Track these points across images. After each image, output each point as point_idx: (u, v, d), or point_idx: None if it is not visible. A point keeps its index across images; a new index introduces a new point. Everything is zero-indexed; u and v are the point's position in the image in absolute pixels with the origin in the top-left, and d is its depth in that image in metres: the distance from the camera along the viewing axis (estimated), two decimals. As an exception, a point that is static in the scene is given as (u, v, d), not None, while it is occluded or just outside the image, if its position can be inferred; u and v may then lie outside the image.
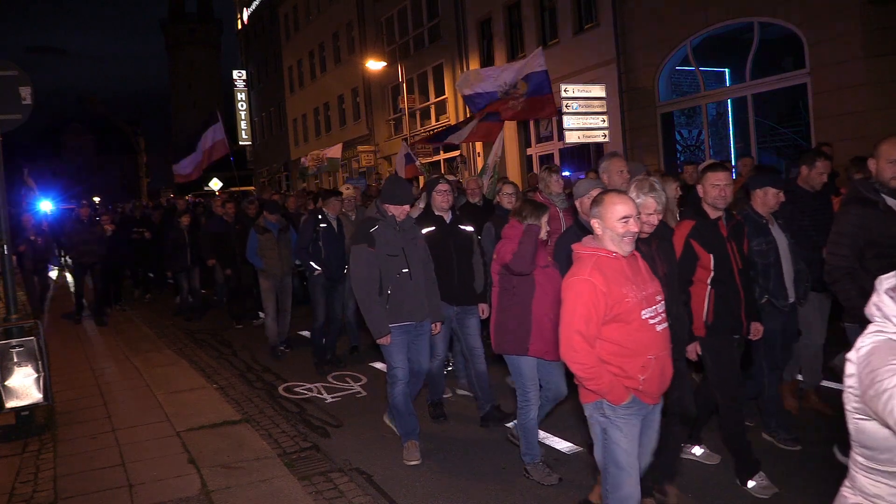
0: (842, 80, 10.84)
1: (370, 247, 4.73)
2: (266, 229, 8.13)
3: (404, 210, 4.86)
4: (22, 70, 6.16)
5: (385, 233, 4.78)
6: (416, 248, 4.92)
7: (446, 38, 22.55)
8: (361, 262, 4.74)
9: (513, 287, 4.28)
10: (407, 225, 4.92)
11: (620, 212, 3.05)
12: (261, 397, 6.56)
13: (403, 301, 4.77)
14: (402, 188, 4.99)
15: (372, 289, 4.71)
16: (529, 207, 4.34)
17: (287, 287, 8.36)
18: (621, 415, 3.08)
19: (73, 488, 4.65)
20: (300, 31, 35.51)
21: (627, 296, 2.99)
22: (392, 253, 4.76)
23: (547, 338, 4.14)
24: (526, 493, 4.23)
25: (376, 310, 4.70)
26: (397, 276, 4.76)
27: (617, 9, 15.35)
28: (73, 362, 8.41)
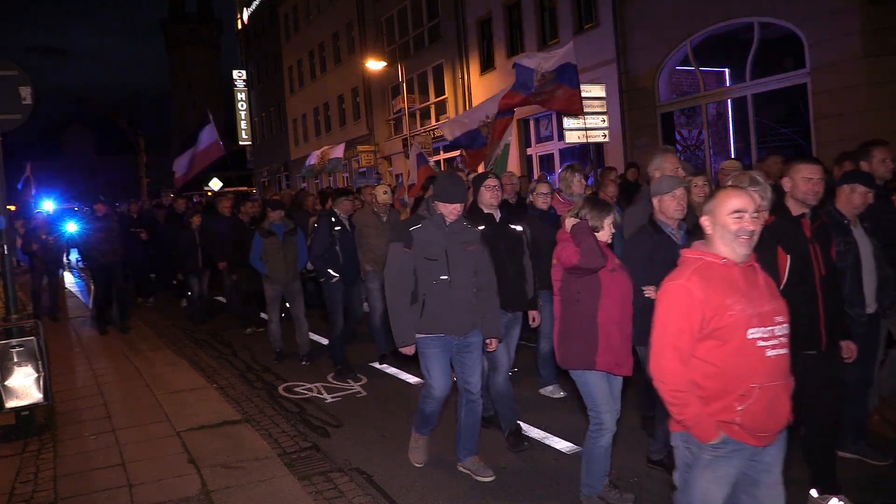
0: (842, 80, 10.84)
1: (406, 246, 4.28)
2: (271, 232, 7.70)
3: (455, 210, 4.30)
4: (22, 70, 6.15)
5: (428, 233, 4.29)
6: (465, 254, 4.34)
7: (446, 38, 22.56)
8: (394, 262, 4.32)
9: (576, 294, 3.84)
10: (457, 227, 4.36)
11: (734, 204, 2.58)
12: (261, 397, 6.55)
13: (441, 312, 4.26)
14: (455, 185, 4.36)
15: (402, 293, 4.26)
16: (590, 207, 3.90)
17: (296, 292, 7.88)
18: (710, 454, 2.58)
19: (73, 488, 4.65)
20: (300, 31, 35.52)
21: (731, 308, 2.52)
22: (430, 256, 4.25)
23: (615, 349, 3.77)
24: (526, 493, 4.23)
25: (404, 316, 4.28)
26: (434, 282, 4.25)
27: (617, 9, 15.35)
28: (73, 362, 8.41)
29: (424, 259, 4.25)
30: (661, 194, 4.03)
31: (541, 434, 5.13)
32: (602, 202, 3.98)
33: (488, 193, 4.94)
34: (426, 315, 4.25)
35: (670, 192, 4.00)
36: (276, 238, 7.70)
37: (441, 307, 4.25)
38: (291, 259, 7.76)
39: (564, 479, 4.37)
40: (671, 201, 4.06)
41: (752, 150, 12.94)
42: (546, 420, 5.37)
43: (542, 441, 5.02)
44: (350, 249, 7.06)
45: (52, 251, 11.51)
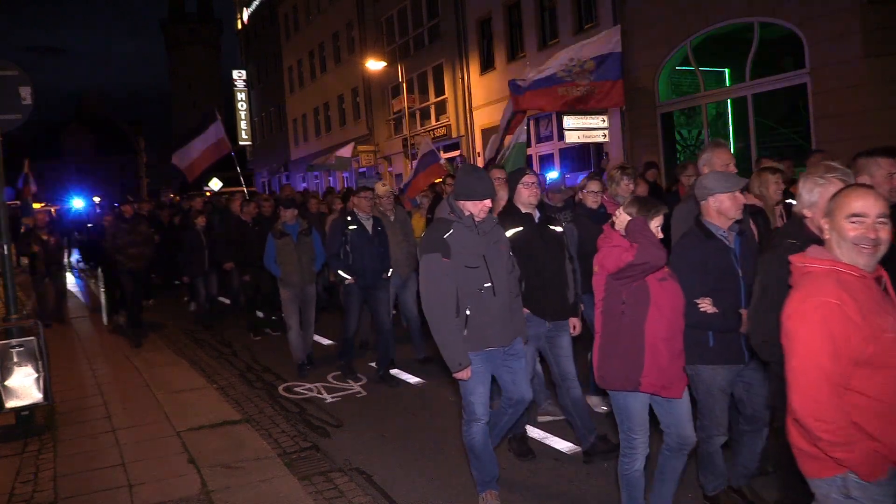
0: (842, 80, 10.84)
1: (444, 257, 3.76)
2: (284, 233, 7.30)
3: (485, 207, 3.83)
4: (22, 70, 6.16)
5: (462, 238, 3.80)
6: (500, 254, 3.95)
7: (446, 38, 22.56)
8: (434, 277, 3.79)
9: (621, 305, 3.40)
10: (488, 226, 3.92)
11: (853, 206, 2.24)
12: (261, 397, 6.56)
13: (486, 323, 3.83)
14: (480, 179, 3.87)
15: (448, 310, 3.77)
16: (639, 206, 3.47)
17: (310, 297, 7.52)
18: (875, 496, 2.21)
19: (73, 488, 4.65)
20: (300, 31, 35.53)
21: (887, 331, 2.18)
22: (472, 264, 3.80)
23: (662, 368, 3.38)
24: (526, 493, 4.23)
25: (453, 336, 3.77)
26: (479, 291, 3.80)
27: (617, 9, 15.36)
28: (73, 362, 8.41)
29: (465, 268, 3.79)
30: (717, 193, 3.53)
31: (541, 434, 5.13)
32: (652, 201, 3.56)
33: (526, 191, 4.46)
34: (470, 330, 3.81)
35: (729, 191, 3.52)
36: (289, 239, 7.30)
37: (485, 318, 3.83)
38: (307, 261, 7.36)
39: (564, 479, 4.37)
40: (730, 202, 3.54)
41: (752, 150, 12.94)
42: (546, 420, 5.36)
43: (542, 441, 5.02)
44: (369, 251, 6.62)
45: (54, 252, 10.94)
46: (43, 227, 10.87)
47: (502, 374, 4.06)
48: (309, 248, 7.40)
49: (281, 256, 7.25)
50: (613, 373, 3.46)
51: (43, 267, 10.65)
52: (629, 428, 3.53)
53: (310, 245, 7.43)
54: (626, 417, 3.53)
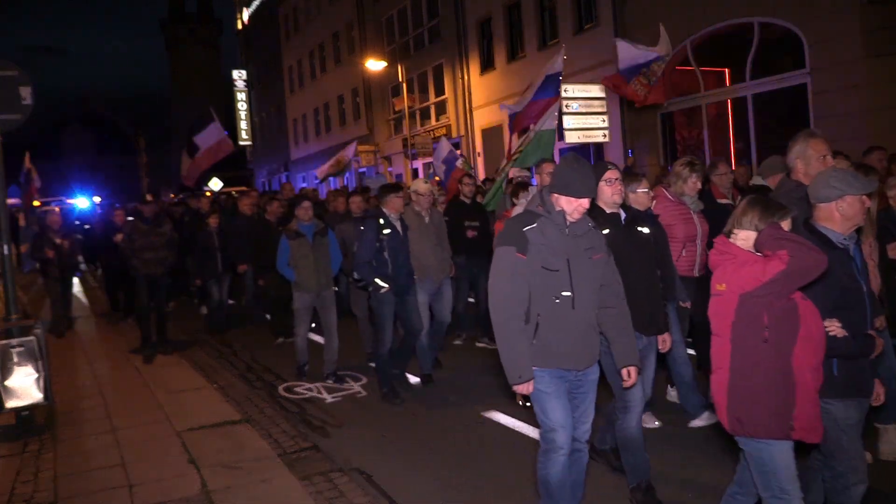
0: (842, 80, 10.84)
1: (520, 252, 3.31)
2: (299, 234, 6.84)
3: (581, 206, 3.33)
4: (22, 70, 6.16)
5: (546, 235, 3.32)
6: (590, 264, 3.39)
7: (446, 38, 22.57)
8: (505, 273, 3.33)
9: (762, 331, 2.80)
10: (581, 229, 3.38)
11: None
12: (261, 397, 6.55)
13: (557, 339, 3.33)
14: (582, 174, 3.31)
15: (515, 312, 3.30)
16: (760, 211, 2.93)
17: (328, 302, 6.99)
18: None
19: (73, 488, 4.65)
20: (300, 31, 35.55)
21: None
22: (551, 266, 3.30)
23: (813, 404, 2.85)
24: (526, 493, 4.23)
25: (517, 343, 3.29)
26: (554, 300, 3.30)
27: (617, 9, 15.36)
28: (73, 362, 8.41)
29: (542, 269, 3.30)
30: (847, 195, 3.05)
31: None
32: (774, 203, 3.02)
33: (610, 189, 3.91)
34: (538, 341, 3.33)
35: (860, 193, 3.06)
36: (304, 240, 6.83)
37: (558, 333, 3.32)
38: (323, 264, 6.91)
39: (564, 479, 4.36)
40: (859, 206, 3.08)
41: (752, 151, 12.95)
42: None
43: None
44: (402, 254, 6.17)
45: (69, 257, 10.07)
46: (57, 230, 10.06)
47: (571, 402, 3.49)
48: (325, 250, 6.95)
49: (296, 259, 6.81)
50: (756, 418, 2.85)
51: (57, 272, 9.89)
52: (778, 484, 2.89)
53: (326, 246, 6.97)
54: (773, 471, 2.89)
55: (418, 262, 6.41)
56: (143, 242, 8.46)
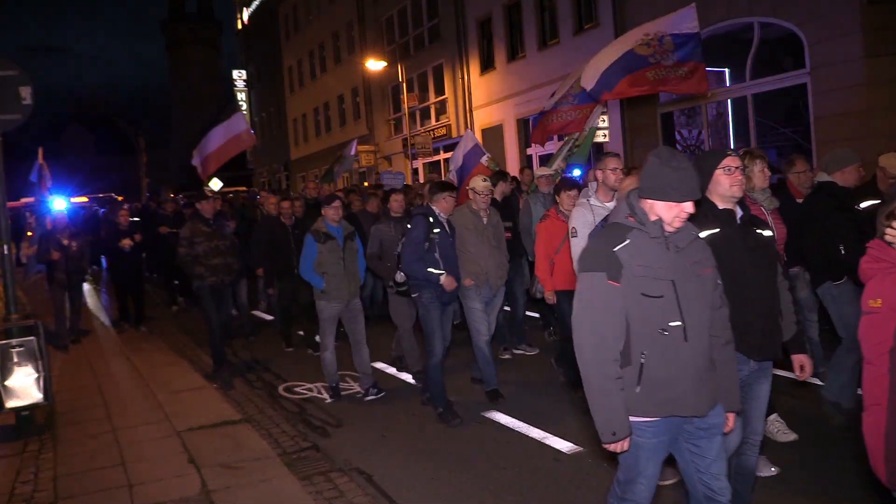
0: (842, 80, 10.84)
1: (612, 279, 2.66)
2: (329, 235, 6.27)
3: (684, 213, 2.67)
4: (22, 70, 6.16)
5: (643, 252, 2.67)
6: (700, 282, 2.74)
7: (446, 38, 22.57)
8: (595, 306, 2.70)
9: None
10: (684, 239, 2.73)
11: None
12: (261, 397, 6.55)
13: (671, 379, 2.68)
14: (683, 171, 2.66)
15: (610, 354, 2.68)
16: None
17: (357, 311, 6.43)
18: None
19: (73, 488, 4.65)
20: (300, 31, 35.56)
21: None
22: (653, 291, 2.66)
23: None
24: (526, 493, 4.23)
25: (608, 392, 2.67)
26: (661, 332, 2.66)
27: (617, 9, 15.36)
28: (73, 362, 8.40)
29: (642, 297, 2.66)
30: None
31: (541, 434, 5.13)
32: None
33: (728, 179, 3.16)
34: (645, 386, 2.69)
35: None
36: (335, 243, 6.26)
37: (669, 372, 2.68)
38: (353, 270, 6.39)
39: (564, 479, 4.37)
40: None
41: (752, 150, 12.94)
42: (546, 420, 5.37)
43: (542, 441, 5.02)
44: (451, 257, 5.71)
45: (76, 260, 9.30)
46: (64, 230, 9.30)
47: (684, 455, 2.85)
48: (355, 255, 6.44)
49: (325, 264, 6.21)
50: None
51: (63, 276, 9.13)
52: None
53: (356, 251, 6.45)
54: None
55: (476, 266, 5.94)
56: (207, 247, 7.25)
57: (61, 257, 8.99)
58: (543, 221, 6.12)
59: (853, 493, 3.91)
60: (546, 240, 5.95)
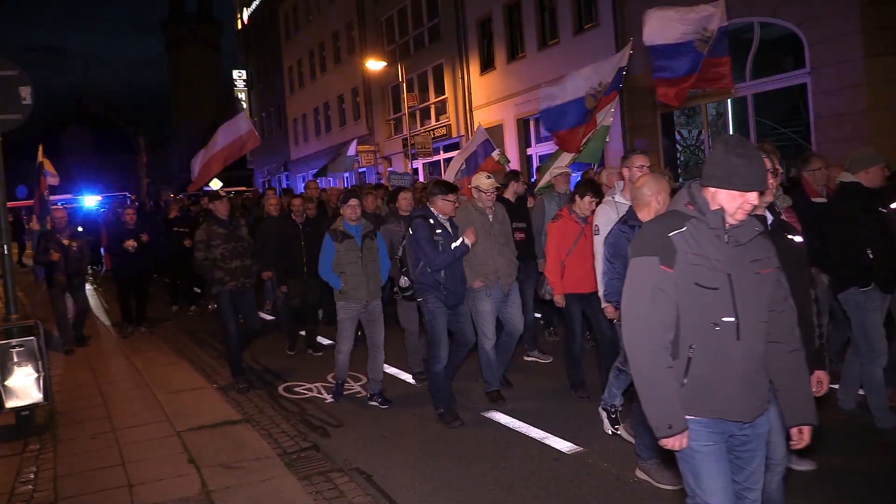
0: (842, 80, 10.84)
1: (665, 264, 2.55)
2: (346, 235, 6.07)
3: (748, 203, 2.52)
4: (22, 70, 6.16)
5: (700, 241, 2.55)
6: (759, 281, 2.60)
7: (446, 38, 22.57)
8: (645, 291, 2.58)
9: None
10: (745, 234, 2.58)
11: None
12: (261, 397, 6.55)
13: (719, 379, 2.55)
14: (750, 159, 2.50)
15: (660, 343, 2.55)
16: None
17: (376, 314, 6.17)
18: None
19: (73, 488, 4.65)
20: (300, 31, 35.55)
21: None
22: (707, 282, 2.53)
23: None
24: (526, 493, 4.23)
25: (666, 383, 2.54)
26: (713, 327, 2.53)
27: (617, 9, 15.36)
28: (74, 362, 8.40)
29: (695, 287, 2.53)
30: None
31: (541, 434, 5.13)
32: None
33: None
34: (692, 382, 2.56)
35: None
36: (353, 242, 6.06)
37: (718, 371, 2.54)
38: (373, 270, 6.15)
39: (564, 479, 4.37)
40: None
41: (752, 150, 12.93)
42: (546, 420, 5.37)
43: (542, 441, 5.01)
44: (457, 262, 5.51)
45: (77, 261, 8.90)
46: (64, 230, 8.94)
47: (734, 462, 2.69)
48: (375, 254, 6.20)
49: (343, 264, 6.02)
50: None
51: (64, 279, 8.75)
52: None
53: (375, 250, 6.21)
54: None
55: (484, 266, 5.76)
56: (224, 250, 6.83)
57: (61, 258, 8.64)
58: (555, 221, 5.87)
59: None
60: (557, 240, 5.75)
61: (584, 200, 5.64)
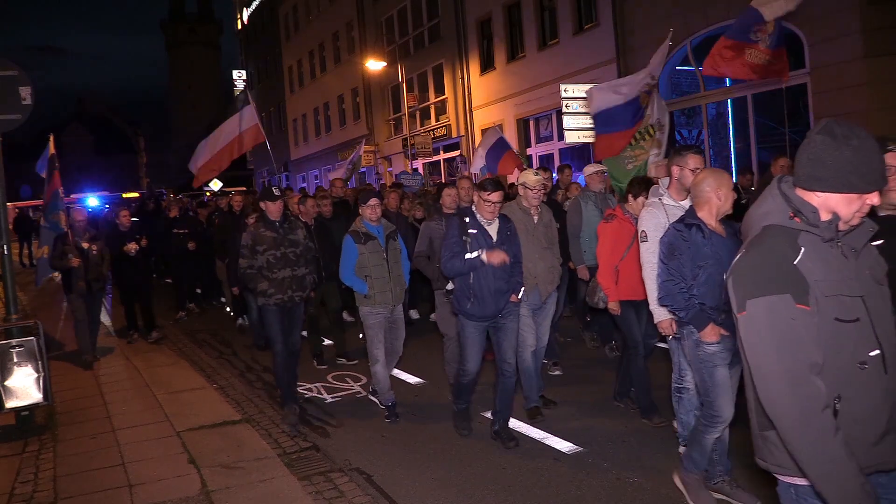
0: (842, 80, 10.85)
1: (800, 301, 1.98)
2: (369, 235, 5.72)
3: (866, 206, 2.07)
4: (22, 70, 6.16)
5: (823, 262, 2.04)
6: (882, 294, 2.14)
7: (446, 38, 22.57)
8: (786, 341, 1.98)
9: None
10: (859, 238, 2.13)
11: None
12: (261, 397, 6.55)
13: (873, 427, 2.05)
14: (867, 152, 2.01)
15: (821, 401, 1.94)
16: None
17: (399, 319, 5.91)
18: None
19: (73, 488, 4.66)
20: (300, 31, 35.56)
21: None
22: (848, 314, 2.02)
23: None
24: (526, 493, 4.23)
25: (842, 458, 1.92)
26: (861, 367, 2.03)
27: (617, 9, 15.37)
28: (73, 362, 8.40)
29: (835, 322, 2.01)
30: None
31: (541, 434, 5.13)
32: None
33: (891, 181, 2.68)
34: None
35: None
36: (376, 244, 5.72)
37: (871, 417, 2.05)
38: (398, 273, 5.82)
39: (564, 479, 4.37)
40: None
41: (752, 150, 12.95)
42: (546, 420, 5.36)
43: (542, 441, 5.02)
44: (492, 268, 4.81)
45: (97, 266, 8.16)
46: (83, 232, 8.19)
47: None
48: (398, 256, 5.89)
49: (367, 267, 5.67)
50: None
51: (83, 284, 8.00)
52: None
53: (398, 252, 5.91)
54: None
55: (524, 269, 5.21)
56: (272, 256, 5.79)
57: (81, 264, 7.91)
58: (609, 223, 5.37)
59: None
60: (611, 243, 5.28)
61: (639, 201, 5.19)
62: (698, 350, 3.77)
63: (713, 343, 3.71)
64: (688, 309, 3.71)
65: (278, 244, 5.82)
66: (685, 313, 3.73)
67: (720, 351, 3.72)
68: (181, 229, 10.75)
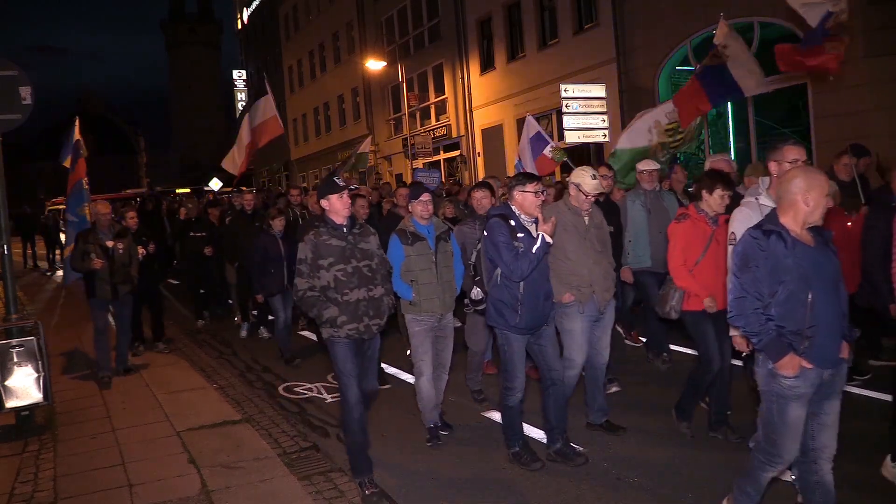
0: (842, 80, 10.84)
1: None
2: (418, 236, 5.05)
3: None
4: (22, 70, 6.16)
5: None
6: None
7: (446, 38, 22.58)
8: None
9: None
10: None
11: None
12: (261, 397, 6.55)
13: None
14: None
15: None
16: None
17: (448, 329, 5.21)
18: None
19: (73, 488, 4.65)
20: (300, 31, 35.58)
21: None
22: None
23: None
24: (526, 494, 4.23)
25: None
26: None
27: (617, 9, 15.38)
28: (74, 362, 8.40)
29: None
30: None
31: (540, 434, 5.12)
32: None
33: None
34: None
35: None
36: (425, 245, 5.05)
37: None
38: (448, 278, 5.13)
39: (564, 479, 4.37)
40: None
41: (752, 150, 12.95)
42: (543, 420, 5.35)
43: (543, 441, 5.01)
44: (538, 269, 4.41)
45: (123, 266, 7.28)
46: (108, 230, 7.30)
47: None
48: (449, 260, 5.17)
49: (414, 270, 5.03)
50: None
51: (108, 288, 7.16)
52: None
53: (450, 255, 5.18)
54: None
55: (575, 276, 4.80)
56: (341, 272, 4.38)
57: (105, 265, 7.07)
58: (681, 223, 4.79)
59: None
60: (684, 246, 4.72)
61: (714, 195, 4.64)
62: (773, 382, 3.22)
63: (791, 377, 3.15)
64: (762, 334, 3.14)
65: (348, 256, 4.39)
66: (759, 339, 3.16)
67: (799, 386, 3.14)
68: (198, 232, 9.92)
